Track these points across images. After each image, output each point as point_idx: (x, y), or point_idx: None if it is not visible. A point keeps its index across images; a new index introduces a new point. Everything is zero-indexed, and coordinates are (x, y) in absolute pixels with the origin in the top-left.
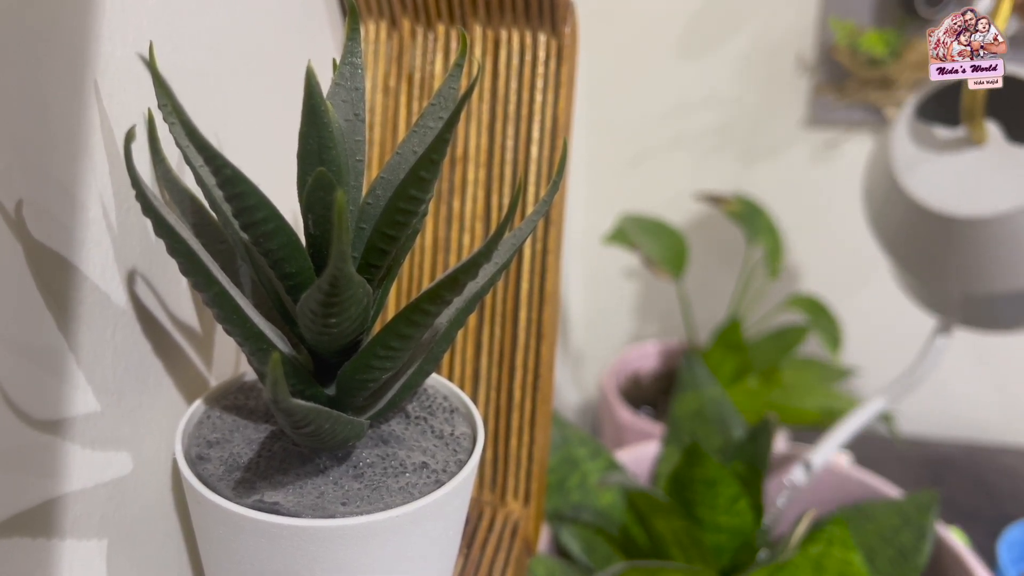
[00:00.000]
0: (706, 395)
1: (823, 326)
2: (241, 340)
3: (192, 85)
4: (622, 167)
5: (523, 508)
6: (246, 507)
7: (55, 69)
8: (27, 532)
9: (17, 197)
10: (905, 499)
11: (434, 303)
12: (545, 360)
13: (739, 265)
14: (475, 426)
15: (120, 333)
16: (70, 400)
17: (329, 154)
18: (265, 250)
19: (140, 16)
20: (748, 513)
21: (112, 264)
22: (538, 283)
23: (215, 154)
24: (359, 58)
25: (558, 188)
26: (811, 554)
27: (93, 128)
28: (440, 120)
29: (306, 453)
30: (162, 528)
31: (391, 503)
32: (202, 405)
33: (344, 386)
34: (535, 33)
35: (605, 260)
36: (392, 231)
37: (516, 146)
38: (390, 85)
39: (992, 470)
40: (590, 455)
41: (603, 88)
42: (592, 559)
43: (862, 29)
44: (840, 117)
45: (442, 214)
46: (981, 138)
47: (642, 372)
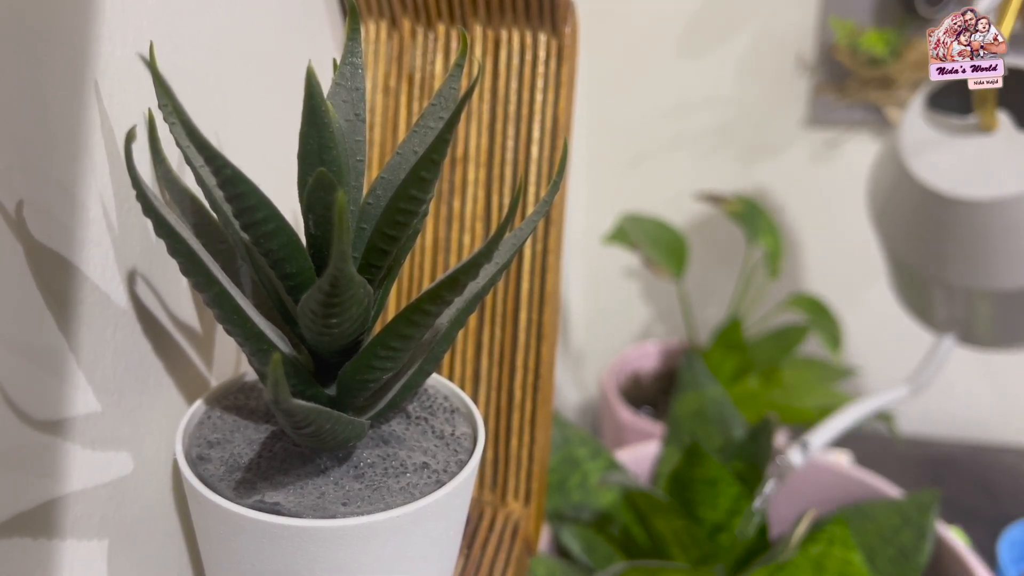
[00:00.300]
0: (706, 395)
1: (823, 326)
2: (241, 340)
3: (192, 85)
4: (622, 167)
5: (524, 508)
6: (247, 507)
7: (55, 69)
8: (27, 532)
9: (17, 197)
10: (905, 499)
11: (435, 303)
12: (545, 360)
13: (739, 265)
14: (476, 426)
15: (120, 333)
16: (70, 400)
17: (330, 154)
18: (265, 250)
19: (140, 16)
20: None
21: (112, 264)
22: (538, 283)
23: (215, 154)
24: (359, 58)
25: (558, 188)
26: (811, 554)
27: (93, 128)
28: (440, 120)
29: (307, 453)
30: (162, 528)
31: (392, 503)
32: (203, 405)
33: (345, 386)
34: (535, 33)
35: (605, 260)
36: (393, 231)
37: (516, 146)
38: (390, 85)
39: (992, 470)
40: (590, 455)
41: (603, 88)
42: (592, 559)
43: (862, 29)
44: (840, 117)
45: (442, 214)
46: (991, 125)
47: (642, 372)
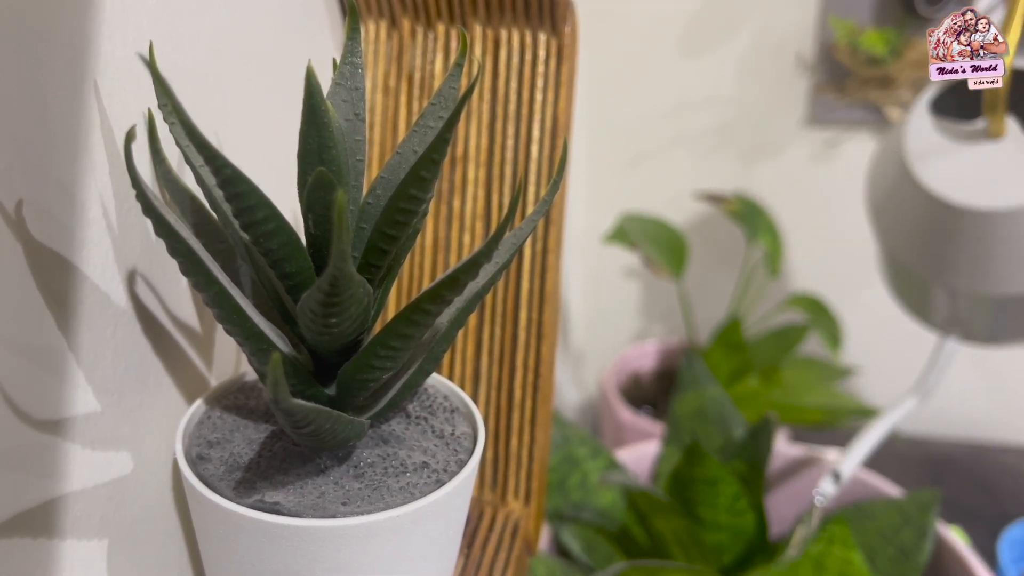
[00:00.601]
0: (706, 395)
1: (823, 325)
2: (241, 340)
3: (192, 85)
4: (622, 167)
5: (524, 507)
6: (247, 507)
7: (55, 69)
8: (27, 532)
9: (17, 197)
10: (906, 498)
11: (435, 303)
12: (545, 359)
13: (739, 265)
14: (476, 426)
15: (120, 333)
16: (70, 400)
17: (329, 154)
18: (265, 250)
19: (140, 16)
20: (749, 512)
21: (112, 264)
22: (538, 282)
23: (215, 154)
24: (359, 58)
25: (558, 187)
26: (812, 553)
27: (93, 128)
28: (440, 120)
29: (307, 453)
30: (162, 528)
31: (392, 503)
32: (202, 405)
33: (344, 386)
34: (535, 32)
35: (605, 260)
36: (392, 231)
37: (516, 145)
38: (390, 85)
39: (992, 469)
40: (590, 454)
41: (603, 88)
42: (592, 558)
43: (862, 28)
44: (840, 116)
45: (442, 213)
46: (999, 131)
47: (642, 372)
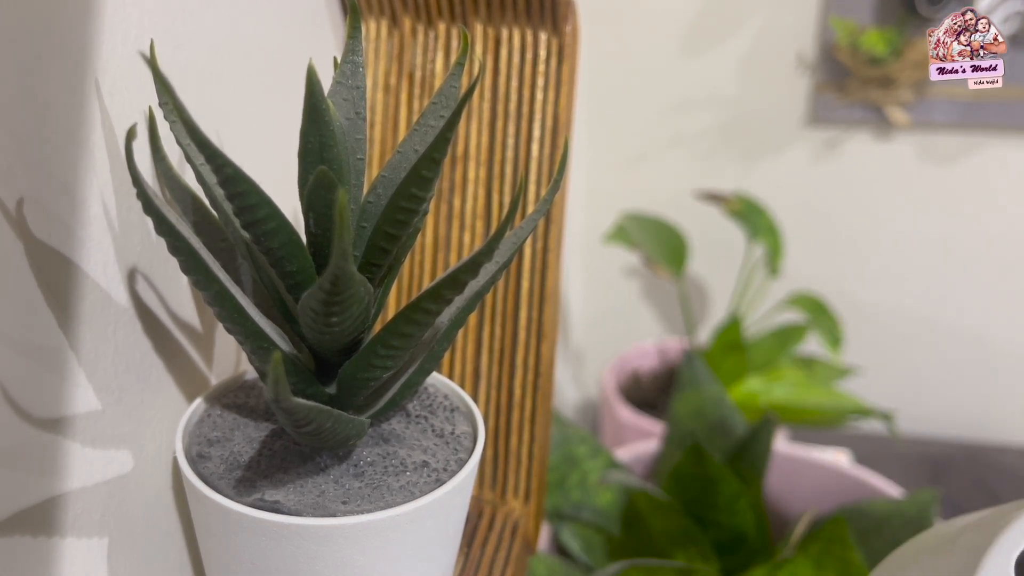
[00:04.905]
0: (706, 394)
1: (823, 325)
2: (242, 339)
3: (193, 83)
4: (622, 166)
5: (523, 506)
6: (247, 506)
7: (56, 67)
8: (28, 530)
9: (18, 195)
10: (905, 498)
11: (435, 302)
12: (545, 358)
13: (739, 264)
14: (475, 425)
15: (121, 331)
16: (71, 398)
17: (330, 152)
18: (266, 248)
19: (141, 14)
20: (748, 512)
21: (113, 262)
22: (539, 282)
23: (216, 152)
24: (360, 56)
25: (559, 187)
26: (811, 553)
27: (94, 126)
28: (441, 119)
29: (307, 452)
30: (163, 526)
31: (392, 502)
32: (203, 403)
33: (345, 385)
34: (536, 32)
35: (605, 259)
36: (393, 230)
37: (517, 144)
38: (391, 83)
39: (992, 470)
40: (590, 454)
41: (604, 87)
42: (592, 558)
43: (863, 28)
44: (841, 116)
45: (443, 212)
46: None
47: (642, 371)
